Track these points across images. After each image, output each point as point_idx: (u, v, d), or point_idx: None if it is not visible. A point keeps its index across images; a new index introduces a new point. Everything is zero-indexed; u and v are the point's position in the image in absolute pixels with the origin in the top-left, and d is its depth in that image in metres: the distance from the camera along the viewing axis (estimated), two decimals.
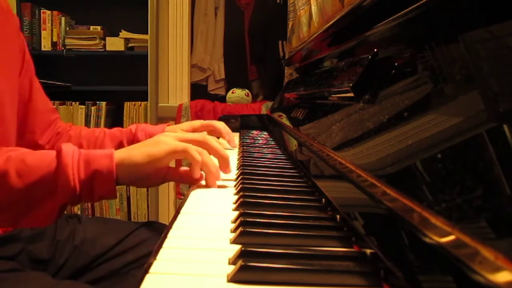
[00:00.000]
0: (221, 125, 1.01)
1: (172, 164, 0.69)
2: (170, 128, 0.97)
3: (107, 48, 2.41)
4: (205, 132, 0.68)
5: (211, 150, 0.66)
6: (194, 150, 0.62)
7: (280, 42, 2.44)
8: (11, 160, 0.55)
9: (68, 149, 0.58)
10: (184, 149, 0.61)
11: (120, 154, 0.60)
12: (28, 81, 0.85)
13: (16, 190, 0.54)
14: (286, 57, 1.85)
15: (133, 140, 0.92)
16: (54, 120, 0.92)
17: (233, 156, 0.98)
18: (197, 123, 1.00)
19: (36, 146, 0.88)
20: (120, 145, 0.92)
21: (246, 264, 0.35)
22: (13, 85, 0.77)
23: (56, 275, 0.79)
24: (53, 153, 0.58)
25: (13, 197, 0.55)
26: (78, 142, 0.92)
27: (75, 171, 0.56)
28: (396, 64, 0.53)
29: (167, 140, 0.62)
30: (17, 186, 0.54)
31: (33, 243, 0.78)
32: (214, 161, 0.67)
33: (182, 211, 0.54)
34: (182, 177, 0.67)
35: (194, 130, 0.96)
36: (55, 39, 2.41)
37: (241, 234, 0.44)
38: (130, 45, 2.43)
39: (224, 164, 0.68)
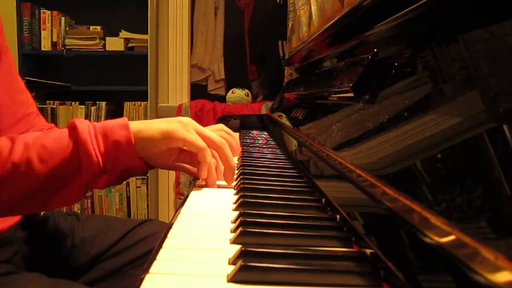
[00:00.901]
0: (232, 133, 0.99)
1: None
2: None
3: (107, 48, 2.42)
4: (224, 141, 0.67)
5: (223, 157, 0.65)
6: (208, 152, 0.62)
7: (280, 42, 2.44)
8: (30, 147, 0.55)
9: (83, 125, 0.57)
10: (201, 148, 0.61)
11: (135, 126, 0.59)
12: (8, 82, 0.79)
13: (42, 176, 0.54)
14: (286, 57, 1.85)
15: None
16: (26, 116, 0.83)
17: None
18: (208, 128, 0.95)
19: None
20: None
21: (246, 264, 0.35)
22: None
23: (55, 276, 0.78)
24: (66, 132, 0.57)
25: (40, 183, 0.55)
26: None
27: (95, 145, 0.56)
28: (396, 64, 0.53)
29: (189, 127, 0.62)
30: (42, 171, 0.54)
31: (28, 245, 0.76)
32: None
33: (182, 211, 0.54)
34: (192, 162, 0.67)
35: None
36: (55, 39, 2.42)
37: (241, 234, 0.44)
38: (130, 45, 2.44)
39: (229, 174, 0.67)
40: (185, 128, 0.61)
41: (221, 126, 0.93)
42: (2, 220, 0.74)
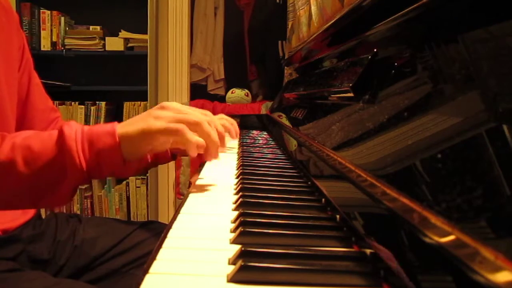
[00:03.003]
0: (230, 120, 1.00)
1: None
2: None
3: (107, 48, 2.41)
4: (208, 113, 0.66)
5: (202, 136, 0.63)
6: (187, 131, 0.60)
7: (279, 42, 2.44)
8: (17, 148, 0.55)
9: (71, 131, 0.58)
10: (177, 130, 0.60)
11: (120, 131, 0.59)
12: (26, 77, 0.84)
13: (26, 177, 0.55)
14: (286, 57, 1.85)
15: None
16: (54, 119, 0.91)
17: (233, 156, 0.98)
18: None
19: None
20: None
21: (246, 264, 0.35)
22: (12, 82, 0.77)
23: (57, 275, 0.78)
24: (55, 136, 0.58)
25: (24, 184, 0.56)
26: None
27: (80, 153, 0.56)
28: (395, 64, 0.53)
29: (166, 117, 0.60)
30: (25, 172, 0.55)
31: (33, 244, 0.78)
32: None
33: (182, 211, 0.54)
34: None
35: None
36: (54, 39, 2.41)
37: (241, 234, 0.44)
38: (129, 45, 2.43)
39: (213, 150, 0.65)
40: (163, 119, 0.60)
41: (221, 115, 0.95)
42: (11, 219, 0.76)
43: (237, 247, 0.40)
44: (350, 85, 0.62)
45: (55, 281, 0.70)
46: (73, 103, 2.43)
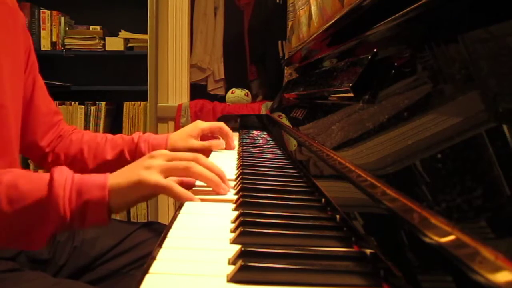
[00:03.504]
0: (229, 130, 1.04)
1: None
2: (174, 136, 0.96)
3: (107, 48, 2.41)
4: (196, 154, 0.65)
5: (197, 176, 0.62)
6: (176, 187, 0.59)
7: (279, 42, 2.44)
8: (2, 185, 0.55)
9: (61, 177, 0.57)
10: (168, 187, 0.59)
11: (111, 182, 0.58)
12: (31, 80, 0.84)
13: (5, 215, 0.54)
14: (286, 57, 1.85)
15: (135, 150, 0.91)
16: (57, 122, 0.91)
17: (233, 156, 0.98)
18: (205, 124, 1.01)
19: (36, 148, 0.88)
20: (121, 154, 0.91)
21: (246, 264, 0.35)
22: (18, 84, 0.77)
23: (56, 276, 0.78)
24: (46, 179, 0.57)
25: (2, 222, 0.55)
26: (79, 147, 0.92)
27: (66, 202, 0.56)
28: (395, 64, 0.53)
29: (157, 166, 0.60)
30: (6, 211, 0.54)
31: None
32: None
33: (182, 211, 0.54)
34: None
35: (200, 133, 0.99)
36: (54, 39, 2.41)
37: (241, 234, 0.44)
38: (129, 45, 2.43)
39: (213, 187, 0.63)
40: (154, 169, 0.60)
41: (205, 124, 0.98)
42: None
43: (237, 247, 0.40)
44: (350, 85, 0.62)
45: (55, 281, 0.70)
46: (73, 103, 2.43)
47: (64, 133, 0.93)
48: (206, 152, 0.99)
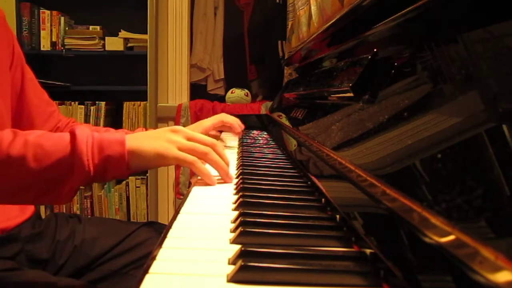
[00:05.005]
0: (231, 120, 1.08)
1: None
2: None
3: (107, 48, 2.41)
4: (213, 140, 0.70)
5: (212, 163, 0.68)
6: (199, 163, 0.65)
7: (279, 42, 2.44)
8: (29, 144, 0.58)
9: (82, 135, 0.60)
10: (191, 162, 0.65)
11: (131, 143, 0.62)
12: (19, 73, 0.85)
13: (34, 173, 0.57)
14: (286, 57, 1.85)
15: None
16: (51, 113, 0.92)
17: (233, 156, 0.98)
18: (208, 122, 1.02)
19: None
20: None
21: (246, 264, 0.35)
22: (4, 80, 0.77)
23: (56, 275, 0.78)
24: (67, 137, 0.60)
25: (31, 179, 0.58)
26: None
27: (90, 157, 0.59)
28: (395, 64, 0.53)
29: (178, 142, 0.65)
30: (34, 169, 0.57)
31: (32, 243, 0.78)
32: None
33: (182, 211, 0.54)
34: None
35: (205, 131, 1.02)
36: (54, 39, 2.41)
37: (241, 234, 0.44)
38: (129, 45, 2.43)
39: (223, 175, 0.70)
40: (175, 144, 0.65)
41: (208, 121, 1.00)
42: (8, 218, 0.76)
43: (237, 247, 0.40)
44: (350, 85, 0.62)
45: (55, 280, 0.70)
46: (72, 103, 2.43)
47: (61, 125, 0.94)
48: None
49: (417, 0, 0.49)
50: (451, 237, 0.27)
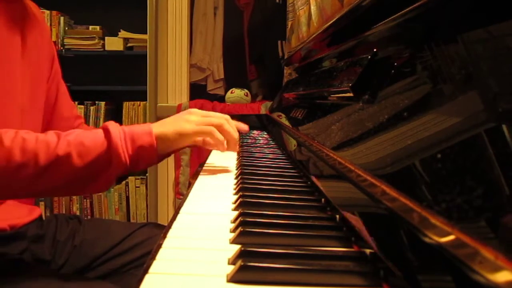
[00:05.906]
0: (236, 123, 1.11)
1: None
2: None
3: (106, 48, 2.41)
4: (225, 116, 0.80)
5: (224, 133, 0.77)
6: (216, 132, 0.75)
7: (279, 42, 2.44)
8: (72, 144, 0.64)
9: (115, 130, 0.66)
10: (209, 132, 0.74)
11: (156, 130, 0.69)
12: (55, 87, 0.92)
13: (78, 169, 0.63)
14: (286, 57, 1.85)
15: None
16: (77, 126, 0.98)
17: (233, 156, 0.98)
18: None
19: None
20: None
21: (246, 264, 0.35)
22: (39, 91, 0.83)
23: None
24: (102, 133, 0.66)
25: (76, 174, 0.64)
26: None
27: (124, 149, 0.65)
28: (395, 64, 0.53)
29: (195, 120, 0.74)
30: (79, 165, 0.63)
31: (35, 243, 0.79)
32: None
33: (182, 211, 0.54)
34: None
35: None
36: (54, 39, 2.41)
37: (241, 234, 0.44)
38: (129, 45, 2.43)
39: (233, 144, 0.79)
40: (193, 122, 0.74)
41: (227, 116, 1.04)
42: (18, 216, 0.78)
43: (237, 247, 0.40)
44: (350, 85, 0.62)
45: (61, 276, 0.71)
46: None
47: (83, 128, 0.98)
48: (207, 151, 1.02)
49: (417, 0, 0.49)
50: (451, 237, 0.27)
